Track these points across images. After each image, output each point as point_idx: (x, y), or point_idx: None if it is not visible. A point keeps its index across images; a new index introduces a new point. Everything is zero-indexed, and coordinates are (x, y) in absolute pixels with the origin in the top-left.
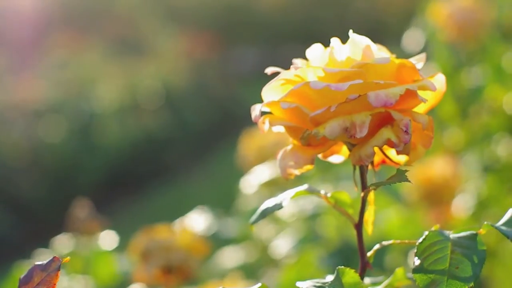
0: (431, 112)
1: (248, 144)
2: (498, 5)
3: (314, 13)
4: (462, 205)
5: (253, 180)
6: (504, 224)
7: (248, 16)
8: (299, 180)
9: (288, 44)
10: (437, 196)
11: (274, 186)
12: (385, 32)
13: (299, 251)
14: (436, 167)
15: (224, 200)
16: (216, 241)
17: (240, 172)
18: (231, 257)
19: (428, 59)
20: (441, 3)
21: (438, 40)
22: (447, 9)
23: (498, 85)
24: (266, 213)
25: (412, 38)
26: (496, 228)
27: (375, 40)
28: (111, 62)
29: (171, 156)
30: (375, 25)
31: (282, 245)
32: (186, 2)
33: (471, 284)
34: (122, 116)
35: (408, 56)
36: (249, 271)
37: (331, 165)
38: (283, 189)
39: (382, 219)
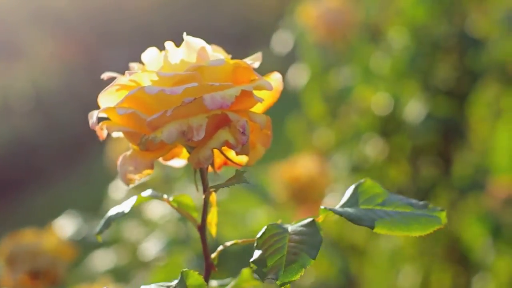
0: (297, 112)
1: (116, 147)
2: (366, 6)
3: (187, 14)
4: (332, 204)
5: (121, 184)
6: (342, 205)
7: (120, 18)
8: (168, 182)
9: (163, 45)
10: (303, 194)
11: (143, 188)
12: (258, 34)
13: (169, 253)
14: (302, 165)
15: (96, 203)
16: (86, 244)
17: (111, 176)
18: (101, 260)
19: (297, 60)
20: (309, 4)
21: (307, 41)
22: (315, 10)
23: (366, 85)
24: (110, 221)
25: (281, 39)
26: (332, 210)
27: (246, 41)
28: None
29: (42, 159)
30: (247, 26)
31: (152, 247)
32: (56, 4)
33: (307, 266)
34: None
35: (277, 57)
36: (120, 274)
37: None
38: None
39: (251, 219)
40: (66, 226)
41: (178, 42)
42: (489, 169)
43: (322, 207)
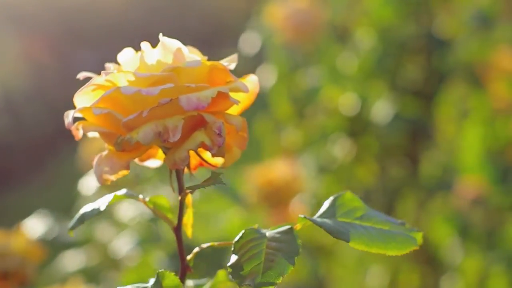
0: (264, 112)
1: (89, 147)
2: (332, 7)
3: (157, 15)
4: (300, 205)
5: (92, 182)
6: (320, 216)
7: (91, 19)
8: (139, 183)
9: (132, 46)
10: (277, 198)
11: (114, 187)
12: (226, 35)
13: (140, 253)
14: (276, 169)
15: (66, 203)
16: (58, 245)
17: (81, 176)
18: (72, 260)
19: (265, 61)
20: (276, 5)
21: (274, 42)
22: (282, 11)
23: (333, 86)
24: (85, 218)
25: (249, 40)
26: (311, 220)
27: (214, 42)
28: None
29: (11, 160)
30: (215, 27)
31: (123, 247)
32: (25, 3)
33: (285, 275)
34: None
35: (245, 58)
36: (91, 274)
37: None
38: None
39: (222, 221)
40: (36, 226)
41: (150, 43)
42: (456, 169)
43: (301, 215)
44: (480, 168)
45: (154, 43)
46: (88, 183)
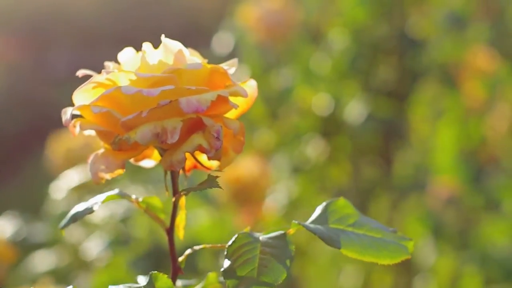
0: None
1: (56, 147)
2: (306, 7)
3: (130, 14)
4: (273, 205)
5: (62, 185)
6: (312, 222)
7: (62, 18)
8: (108, 183)
9: (104, 46)
10: (246, 196)
11: (84, 190)
12: (199, 35)
13: (110, 254)
14: (244, 167)
15: (36, 204)
16: (26, 246)
17: (50, 176)
18: (42, 261)
19: (238, 61)
20: (250, 5)
21: (248, 42)
22: (256, 12)
23: (306, 86)
24: (77, 218)
25: (222, 40)
26: (304, 226)
27: (187, 42)
28: None
29: None
30: (188, 27)
31: (93, 248)
32: None
33: (280, 282)
34: None
35: (218, 58)
36: (61, 275)
37: (141, 167)
38: (92, 192)
39: (192, 220)
40: (6, 227)
41: (123, 43)
42: (429, 169)
43: (294, 221)
44: (453, 168)
45: (128, 43)
46: (59, 186)
